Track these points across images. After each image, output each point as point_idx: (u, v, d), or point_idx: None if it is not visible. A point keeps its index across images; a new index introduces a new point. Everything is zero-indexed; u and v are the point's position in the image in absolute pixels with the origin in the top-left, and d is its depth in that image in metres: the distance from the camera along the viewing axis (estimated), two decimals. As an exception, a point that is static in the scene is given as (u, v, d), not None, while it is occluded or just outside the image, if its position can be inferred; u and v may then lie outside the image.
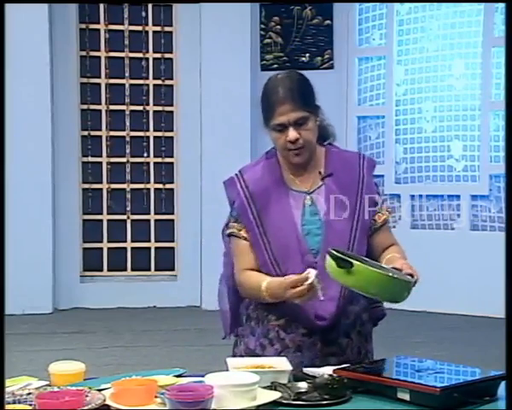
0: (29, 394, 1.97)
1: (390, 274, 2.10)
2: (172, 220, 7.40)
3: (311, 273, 2.21)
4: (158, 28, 7.34)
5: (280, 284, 2.30)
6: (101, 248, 7.33)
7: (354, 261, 2.05)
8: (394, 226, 7.21)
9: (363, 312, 2.50)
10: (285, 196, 2.47)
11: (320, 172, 2.50)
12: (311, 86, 2.47)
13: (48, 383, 2.11)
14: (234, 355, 2.55)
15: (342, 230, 2.43)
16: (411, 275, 2.20)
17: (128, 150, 7.33)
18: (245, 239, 2.48)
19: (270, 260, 2.43)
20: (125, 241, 7.35)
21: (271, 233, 2.44)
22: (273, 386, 2.01)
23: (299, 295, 2.23)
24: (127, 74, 7.31)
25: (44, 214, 6.88)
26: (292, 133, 2.38)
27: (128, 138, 7.33)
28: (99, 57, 7.27)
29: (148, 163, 7.37)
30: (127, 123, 7.32)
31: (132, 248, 7.37)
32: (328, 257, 2.12)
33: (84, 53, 7.23)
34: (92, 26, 7.24)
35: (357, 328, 2.47)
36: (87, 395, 1.90)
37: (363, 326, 2.51)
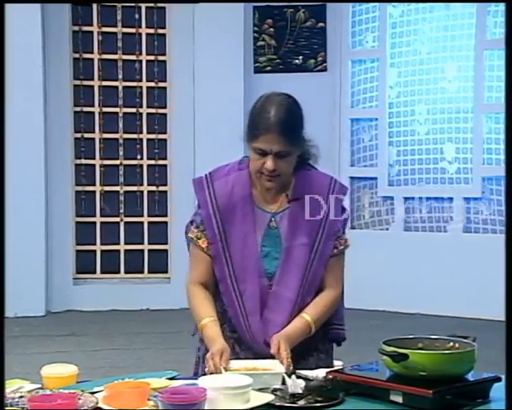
0: (21, 397, 1.96)
1: (447, 352, 2.08)
2: (166, 223, 7.39)
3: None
4: (151, 30, 7.33)
5: (212, 342, 2.28)
6: (95, 251, 7.31)
7: (408, 351, 2.01)
8: (387, 229, 7.23)
9: (320, 332, 2.47)
10: (251, 214, 2.42)
11: (287, 195, 2.45)
12: (302, 117, 2.41)
13: (40, 386, 2.11)
14: (197, 356, 2.57)
15: (300, 258, 2.41)
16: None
17: (121, 152, 7.32)
18: (201, 249, 2.45)
19: (230, 277, 2.42)
20: (118, 243, 7.34)
21: (233, 251, 2.41)
22: (267, 388, 2.01)
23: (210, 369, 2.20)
24: (120, 76, 7.30)
25: (37, 217, 6.86)
26: (270, 163, 2.33)
27: (121, 140, 7.32)
28: (92, 59, 7.25)
29: (141, 165, 7.36)
30: (120, 125, 7.31)
31: (125, 251, 7.36)
32: (382, 354, 2.06)
33: (77, 55, 7.21)
34: (85, 29, 7.22)
35: (312, 350, 2.45)
36: (79, 398, 1.90)
37: (321, 345, 2.50)
